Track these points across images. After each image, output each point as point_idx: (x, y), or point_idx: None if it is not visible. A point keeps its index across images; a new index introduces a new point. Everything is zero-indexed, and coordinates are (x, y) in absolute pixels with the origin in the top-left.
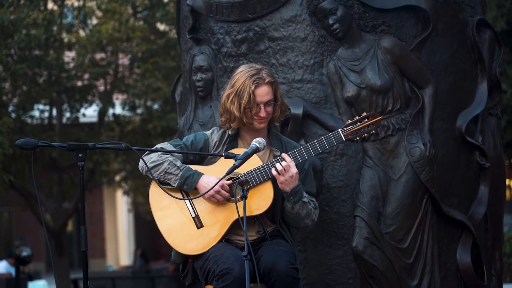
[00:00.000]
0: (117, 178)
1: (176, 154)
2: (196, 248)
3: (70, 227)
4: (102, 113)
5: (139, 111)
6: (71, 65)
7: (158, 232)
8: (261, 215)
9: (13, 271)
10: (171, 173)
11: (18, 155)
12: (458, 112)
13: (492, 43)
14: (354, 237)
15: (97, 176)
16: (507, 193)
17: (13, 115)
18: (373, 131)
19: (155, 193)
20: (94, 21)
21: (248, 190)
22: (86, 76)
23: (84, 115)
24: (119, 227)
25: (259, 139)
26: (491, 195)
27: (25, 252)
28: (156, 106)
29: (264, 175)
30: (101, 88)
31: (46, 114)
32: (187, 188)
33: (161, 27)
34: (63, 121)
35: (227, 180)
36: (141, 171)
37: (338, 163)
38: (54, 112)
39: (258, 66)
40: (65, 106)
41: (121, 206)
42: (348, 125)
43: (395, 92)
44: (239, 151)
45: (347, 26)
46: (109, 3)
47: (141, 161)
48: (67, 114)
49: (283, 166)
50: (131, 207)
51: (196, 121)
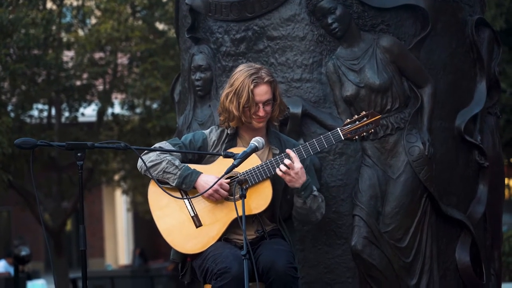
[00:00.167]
0: (116, 177)
1: (175, 153)
2: (195, 247)
3: (69, 226)
4: (101, 112)
5: (138, 110)
6: (70, 64)
7: (157, 231)
8: (260, 214)
9: (12, 270)
10: (169, 172)
11: (17, 155)
12: (457, 111)
13: (491, 42)
14: (353, 236)
15: (96, 175)
16: (506, 192)
17: (12, 114)
18: (372, 130)
19: (154, 193)
20: (93, 20)
21: (247, 189)
22: (85, 75)
23: (83, 114)
24: (118, 226)
25: (258, 138)
26: (490, 194)
27: (24, 252)
28: (155, 106)
29: (263, 174)
30: (100, 88)
31: (45, 114)
32: (185, 187)
33: (160, 26)
34: (62, 121)
35: (225, 179)
36: (140, 170)
37: (337, 162)
38: (53, 111)
39: (257, 65)
40: (64, 105)
41: (120, 205)
42: (347, 124)
43: (394, 91)
44: (238, 150)
45: (346, 25)
46: (108, 3)
47: (139, 160)
48: (66, 114)
49: (286, 164)
50: (130, 206)
51: (195, 121)
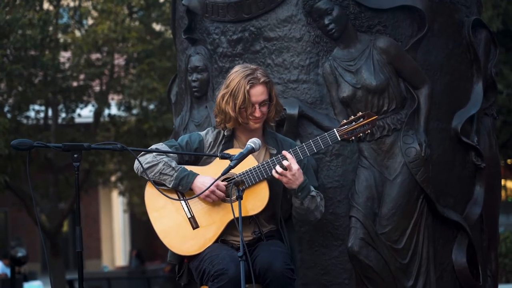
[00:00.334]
0: (113, 178)
1: (172, 154)
2: (192, 248)
3: (65, 227)
4: (98, 113)
5: (134, 111)
6: (67, 65)
7: (153, 233)
8: (256, 215)
9: (8, 271)
10: (166, 174)
11: (14, 156)
12: (453, 112)
13: (487, 43)
14: (350, 238)
15: (93, 176)
16: (503, 193)
17: (8, 115)
18: (369, 131)
19: (151, 194)
20: (90, 21)
21: (243, 190)
22: (82, 76)
23: (79, 115)
24: (115, 227)
25: (254, 139)
26: (486, 195)
27: (21, 253)
28: (151, 107)
29: (260, 176)
30: (97, 89)
31: (42, 115)
32: (182, 189)
33: (157, 27)
34: (58, 122)
35: (222, 181)
36: (136, 171)
37: (334, 163)
38: (50, 112)
39: (253, 66)
40: (60, 106)
41: (116, 206)
42: (344, 125)
43: (390, 92)
44: (235, 151)
45: (343, 26)
46: (104, 4)
47: (136, 162)
48: (63, 115)
49: (284, 165)
50: (127, 208)
51: (191, 122)
